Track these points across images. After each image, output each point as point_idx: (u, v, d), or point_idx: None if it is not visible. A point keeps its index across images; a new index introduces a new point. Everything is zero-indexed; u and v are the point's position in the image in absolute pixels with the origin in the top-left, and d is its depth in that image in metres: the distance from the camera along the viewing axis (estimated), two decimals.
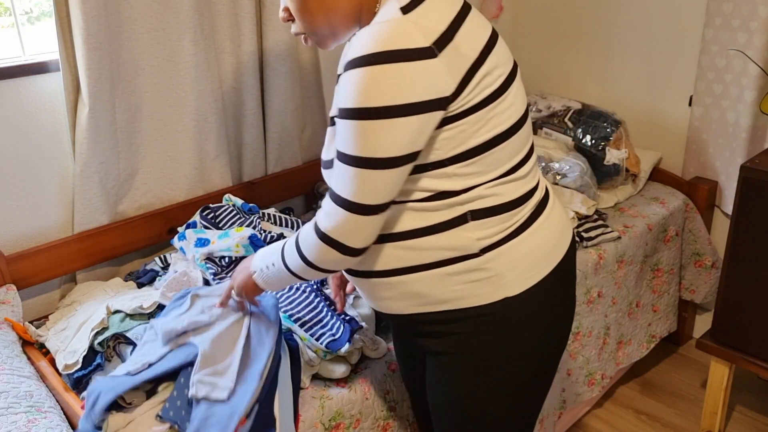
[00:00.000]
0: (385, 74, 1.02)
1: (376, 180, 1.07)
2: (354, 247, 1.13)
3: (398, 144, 1.06)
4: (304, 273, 1.22)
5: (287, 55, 2.15)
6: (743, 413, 2.37)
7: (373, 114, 1.03)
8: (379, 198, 1.09)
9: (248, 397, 1.29)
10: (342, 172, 1.09)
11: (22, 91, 1.77)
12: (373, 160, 1.06)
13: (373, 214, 1.10)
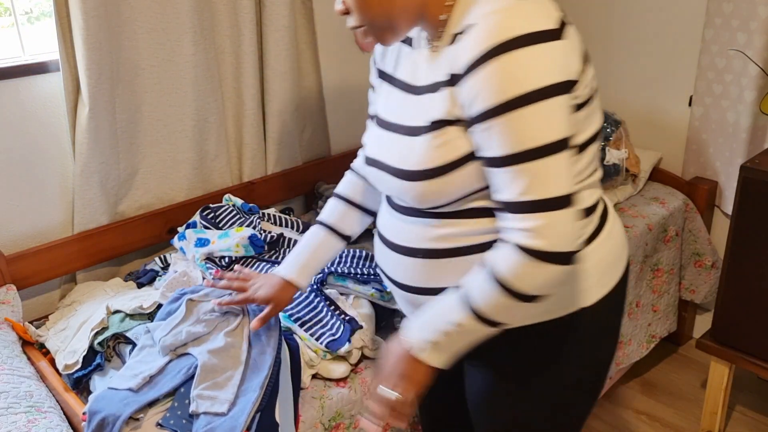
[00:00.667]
0: (529, 57, 0.93)
1: (562, 164, 0.96)
2: (574, 250, 0.99)
3: (564, 122, 0.97)
4: (513, 317, 1.04)
5: (287, 55, 2.15)
6: (743, 413, 2.37)
7: (533, 98, 0.93)
8: (572, 184, 0.98)
9: (248, 409, 1.30)
10: (523, 173, 0.96)
11: (22, 91, 1.77)
12: (554, 144, 0.95)
13: (573, 206, 0.98)
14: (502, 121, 0.95)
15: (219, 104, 2.07)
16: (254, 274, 1.46)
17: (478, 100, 0.97)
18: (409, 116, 1.11)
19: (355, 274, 1.76)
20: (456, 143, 1.03)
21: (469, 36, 0.98)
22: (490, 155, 0.99)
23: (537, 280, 0.99)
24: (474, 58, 0.96)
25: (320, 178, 2.42)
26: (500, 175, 0.99)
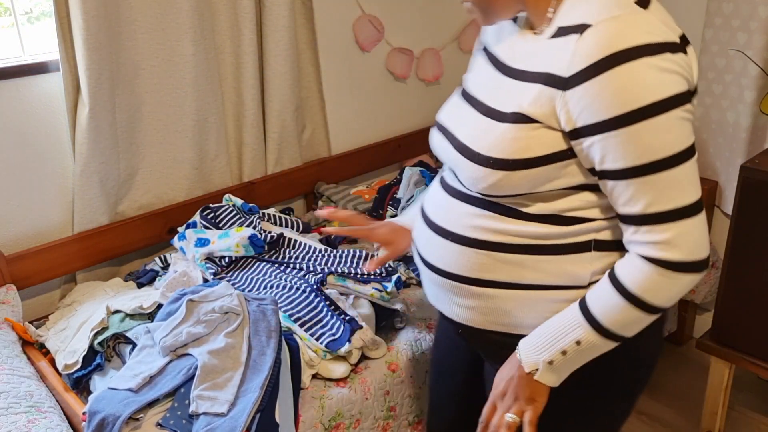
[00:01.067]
0: (647, 67, 0.91)
1: (688, 173, 0.95)
2: (707, 256, 0.98)
3: (686, 132, 0.95)
4: (637, 329, 1.02)
5: (287, 55, 2.15)
6: (743, 413, 2.37)
7: (653, 111, 0.91)
8: (698, 190, 0.96)
9: (248, 409, 1.30)
10: (648, 185, 0.94)
11: (22, 91, 1.77)
12: (677, 155, 0.93)
13: (701, 212, 0.96)
14: (622, 134, 0.92)
15: (219, 104, 2.07)
16: (370, 218, 1.42)
17: (591, 110, 0.93)
18: (494, 97, 1.07)
19: (355, 274, 1.76)
20: (537, 143, 0.99)
21: (581, 38, 0.94)
22: (606, 168, 0.96)
23: (671, 292, 0.98)
24: (587, 65, 0.92)
25: (320, 178, 2.42)
26: (621, 188, 0.96)
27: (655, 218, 0.95)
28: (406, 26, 2.58)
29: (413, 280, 1.97)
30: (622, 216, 0.99)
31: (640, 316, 0.99)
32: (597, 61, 0.91)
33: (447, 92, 2.93)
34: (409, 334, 1.73)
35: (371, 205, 2.25)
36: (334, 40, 2.38)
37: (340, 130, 2.51)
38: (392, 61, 2.58)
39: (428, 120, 2.80)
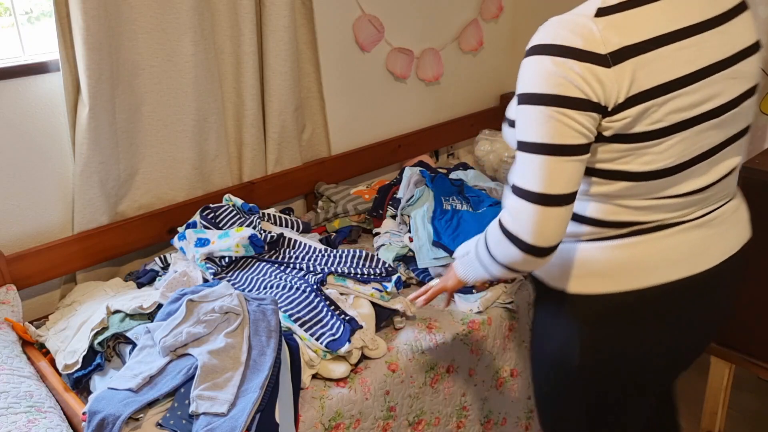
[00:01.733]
0: (539, 64, 1.07)
1: (540, 165, 1.09)
2: (527, 242, 1.14)
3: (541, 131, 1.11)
4: (491, 267, 1.24)
5: (287, 55, 2.15)
6: (743, 413, 2.37)
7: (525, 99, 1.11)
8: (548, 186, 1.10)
9: (248, 409, 1.30)
10: (518, 157, 1.13)
11: (22, 91, 1.77)
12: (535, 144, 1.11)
13: (535, 204, 1.11)
14: (519, 108, 1.11)
15: (219, 104, 2.07)
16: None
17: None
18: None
19: (355, 274, 1.76)
20: None
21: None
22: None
23: (502, 250, 1.17)
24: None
25: (320, 178, 2.42)
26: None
27: (512, 187, 1.14)
28: (406, 26, 2.59)
29: (413, 280, 1.97)
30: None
31: (487, 255, 1.23)
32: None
33: (447, 92, 2.95)
34: (409, 334, 1.73)
35: (371, 205, 2.25)
36: (334, 40, 2.38)
37: (340, 130, 2.51)
38: (392, 61, 2.58)
39: (428, 120, 2.80)
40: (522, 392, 1.97)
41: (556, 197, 1.08)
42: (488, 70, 2.98)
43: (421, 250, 1.90)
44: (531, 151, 1.09)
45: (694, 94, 1.09)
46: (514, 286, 1.91)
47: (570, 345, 1.27)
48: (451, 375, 1.75)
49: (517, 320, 1.90)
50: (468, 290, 1.84)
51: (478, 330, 1.79)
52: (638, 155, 1.11)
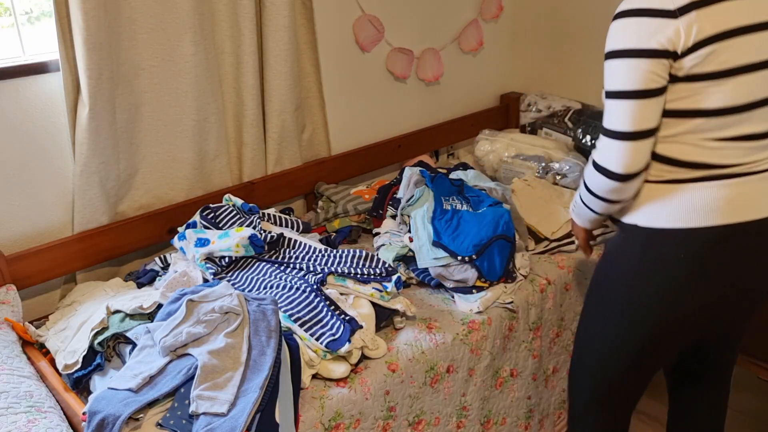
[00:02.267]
0: (622, 26, 1.33)
1: (623, 108, 1.34)
2: (616, 171, 1.38)
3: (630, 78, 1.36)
4: (593, 204, 1.49)
5: (287, 55, 2.15)
6: (743, 413, 2.37)
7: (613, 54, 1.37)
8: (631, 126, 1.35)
9: (248, 409, 1.30)
10: (606, 105, 1.38)
11: (22, 91, 1.77)
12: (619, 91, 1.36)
13: (620, 140, 1.36)
14: (606, 63, 1.38)
15: (219, 104, 2.07)
16: None
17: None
18: None
19: (355, 274, 1.76)
20: None
21: None
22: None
23: (596, 183, 1.42)
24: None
25: (320, 178, 2.43)
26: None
27: (602, 130, 1.40)
28: (406, 26, 2.59)
29: (413, 280, 1.97)
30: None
31: (587, 194, 1.49)
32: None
33: (447, 92, 2.95)
34: (409, 334, 1.73)
35: (371, 205, 2.25)
36: (334, 40, 2.38)
37: (340, 130, 2.51)
38: (392, 61, 2.58)
39: (428, 120, 2.80)
40: (522, 392, 1.97)
41: (640, 133, 1.33)
42: (488, 70, 2.98)
43: (421, 250, 1.90)
44: (619, 98, 1.34)
45: (755, 42, 1.29)
46: (515, 286, 1.91)
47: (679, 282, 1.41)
48: (451, 375, 1.75)
49: (517, 320, 1.90)
50: (468, 290, 1.84)
51: (478, 330, 1.80)
52: (709, 93, 1.31)
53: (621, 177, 1.37)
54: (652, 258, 1.42)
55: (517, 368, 1.94)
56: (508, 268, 1.89)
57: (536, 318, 1.96)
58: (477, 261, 1.83)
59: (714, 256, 1.37)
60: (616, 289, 1.50)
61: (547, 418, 2.10)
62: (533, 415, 2.02)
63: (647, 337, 1.48)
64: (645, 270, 1.43)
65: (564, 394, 2.16)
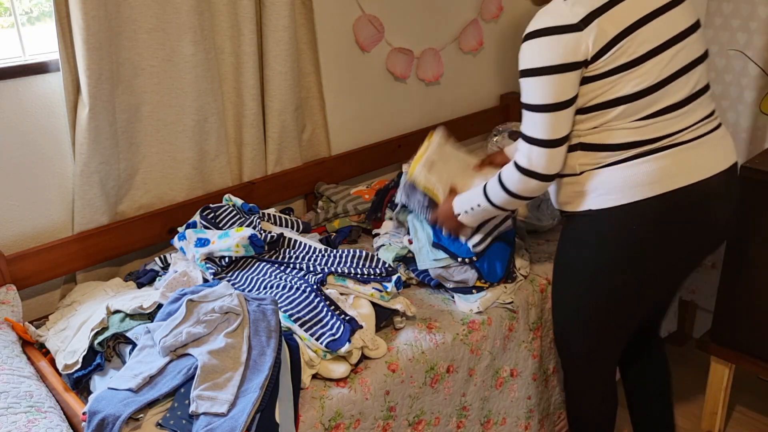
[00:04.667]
0: (533, 45, 1.45)
1: (543, 118, 1.47)
2: (543, 173, 1.52)
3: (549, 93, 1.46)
4: (509, 207, 1.65)
5: (287, 55, 2.15)
6: (743, 413, 2.37)
7: (528, 73, 1.47)
8: (551, 133, 1.49)
9: (248, 409, 1.30)
10: (525, 116, 1.51)
11: (22, 91, 1.77)
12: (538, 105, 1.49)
13: (544, 146, 1.50)
14: (521, 82, 1.49)
15: (219, 104, 2.07)
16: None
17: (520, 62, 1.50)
18: None
19: (355, 274, 1.76)
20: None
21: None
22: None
23: (524, 186, 1.55)
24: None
25: (320, 178, 2.42)
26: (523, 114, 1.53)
27: (523, 137, 1.52)
28: (406, 26, 2.59)
29: (413, 280, 1.97)
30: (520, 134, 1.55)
31: (506, 196, 1.60)
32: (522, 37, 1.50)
33: (447, 92, 2.95)
34: (409, 334, 1.73)
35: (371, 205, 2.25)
36: (334, 40, 2.38)
37: (340, 130, 2.51)
38: (392, 61, 2.58)
39: (428, 120, 2.80)
40: (522, 392, 1.97)
41: (560, 140, 1.48)
42: (488, 70, 2.98)
43: (421, 251, 1.90)
44: (539, 111, 1.46)
45: (655, 27, 1.44)
46: (515, 286, 1.91)
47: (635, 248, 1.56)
48: (451, 375, 1.75)
49: (517, 320, 1.89)
50: (468, 290, 1.84)
51: (478, 330, 1.79)
52: (626, 81, 1.44)
53: (548, 177, 1.52)
54: (608, 235, 1.56)
55: (517, 368, 1.94)
56: (509, 269, 1.89)
57: (536, 318, 1.96)
58: (477, 262, 1.82)
59: (661, 221, 1.52)
60: (583, 268, 1.63)
61: (547, 418, 2.10)
62: (533, 415, 2.02)
63: (612, 302, 1.64)
64: (604, 246, 1.57)
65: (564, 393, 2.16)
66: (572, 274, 1.67)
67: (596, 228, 1.58)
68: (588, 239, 1.60)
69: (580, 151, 1.55)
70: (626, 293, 1.62)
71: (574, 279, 1.67)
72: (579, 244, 1.63)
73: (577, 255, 1.64)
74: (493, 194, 1.62)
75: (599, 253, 1.59)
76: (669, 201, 1.50)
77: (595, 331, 1.70)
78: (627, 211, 1.52)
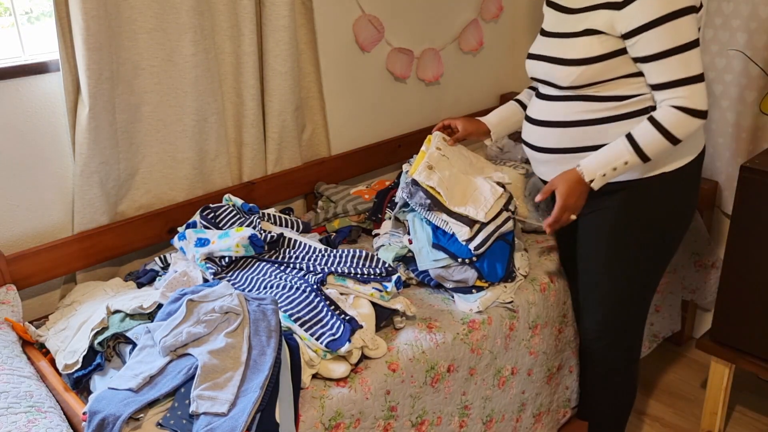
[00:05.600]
0: None
1: (697, 55, 1.58)
2: (706, 110, 1.60)
3: (695, 29, 1.58)
4: (661, 156, 1.66)
5: (287, 55, 2.15)
6: (743, 413, 2.37)
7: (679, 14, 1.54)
8: (702, 67, 1.61)
9: (249, 409, 1.30)
10: (676, 61, 1.56)
11: (22, 91, 1.77)
12: (692, 42, 1.56)
13: (702, 81, 1.59)
14: (661, 29, 1.54)
15: (219, 104, 2.07)
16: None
17: (637, 18, 1.55)
18: (565, 28, 1.70)
19: (355, 274, 1.76)
20: (601, 46, 1.62)
21: None
22: (647, 54, 1.58)
23: (688, 129, 1.60)
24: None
25: (320, 178, 2.43)
26: (655, 66, 1.58)
27: (680, 82, 1.57)
28: (406, 26, 2.59)
29: (413, 280, 1.97)
30: (656, 85, 1.61)
31: (667, 145, 1.61)
32: None
33: (447, 92, 2.95)
34: (409, 334, 1.73)
35: (371, 206, 2.25)
36: (334, 40, 2.38)
37: (340, 130, 2.51)
38: (392, 61, 2.58)
39: (428, 120, 2.80)
40: (518, 388, 1.97)
41: (703, 74, 1.59)
42: (488, 70, 2.98)
43: (421, 252, 1.90)
44: (687, 50, 1.54)
45: None
46: (514, 286, 1.91)
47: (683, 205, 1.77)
48: (452, 374, 1.75)
49: (518, 319, 1.89)
50: (468, 290, 1.84)
51: (478, 329, 1.79)
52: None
53: (706, 114, 1.60)
54: (686, 191, 1.76)
55: (517, 366, 1.94)
56: (509, 268, 1.88)
57: (536, 316, 1.96)
58: (477, 263, 1.82)
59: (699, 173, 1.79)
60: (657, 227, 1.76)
61: (547, 414, 2.10)
62: (525, 409, 2.01)
63: (670, 256, 1.84)
64: (682, 199, 1.76)
65: (568, 392, 2.16)
66: (635, 240, 1.76)
67: (676, 188, 1.73)
68: (651, 202, 1.72)
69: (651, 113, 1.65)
70: (676, 241, 1.82)
71: (647, 241, 1.77)
72: (642, 208, 1.73)
73: (641, 220, 1.74)
74: (650, 144, 1.61)
75: (671, 212, 1.74)
76: (703, 153, 1.78)
77: (651, 293, 1.87)
78: (695, 165, 1.74)
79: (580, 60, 1.64)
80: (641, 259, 1.79)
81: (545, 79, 1.76)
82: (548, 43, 1.75)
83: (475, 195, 1.89)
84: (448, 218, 1.84)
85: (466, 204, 1.86)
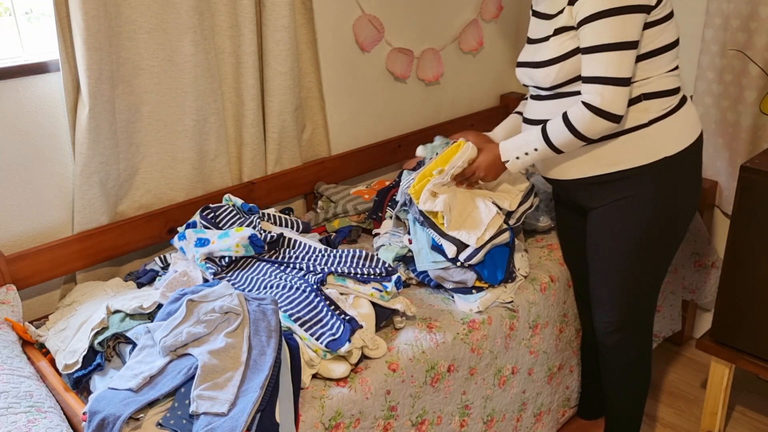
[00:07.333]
0: None
1: (625, 57, 1.57)
2: (616, 114, 1.60)
3: (633, 31, 1.57)
4: (570, 149, 1.69)
5: (287, 55, 2.15)
6: (743, 413, 2.37)
7: (615, 11, 1.54)
8: (628, 72, 1.60)
9: (249, 409, 1.29)
10: (599, 58, 1.57)
11: (22, 91, 1.77)
12: (621, 43, 1.56)
13: (621, 86, 1.59)
14: (600, 23, 1.54)
15: (219, 104, 2.07)
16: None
17: (585, 8, 1.56)
18: (541, 32, 1.74)
19: (355, 274, 1.76)
20: (571, 42, 1.64)
21: None
22: (584, 45, 1.59)
23: (594, 128, 1.61)
24: None
25: (320, 178, 2.43)
26: (586, 59, 1.60)
27: (599, 80, 1.58)
28: (406, 26, 2.59)
29: (413, 280, 1.97)
30: (583, 78, 1.62)
31: (574, 139, 1.65)
32: None
33: (447, 92, 2.95)
34: (409, 334, 1.73)
35: (371, 206, 2.25)
36: (334, 40, 2.38)
37: (340, 130, 2.51)
38: (392, 61, 2.58)
39: (428, 120, 2.80)
40: (519, 387, 1.97)
41: (628, 80, 1.58)
42: (488, 70, 2.98)
43: (420, 253, 1.90)
44: (611, 50, 1.54)
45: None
46: (514, 286, 1.91)
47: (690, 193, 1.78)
48: (452, 374, 1.75)
49: (518, 319, 1.89)
50: (468, 290, 1.84)
51: (478, 329, 1.80)
52: (669, 30, 1.64)
53: (617, 118, 1.60)
54: (690, 173, 1.75)
55: (518, 366, 1.94)
56: (509, 270, 1.88)
57: (536, 316, 1.96)
58: (477, 267, 1.82)
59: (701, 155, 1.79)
60: (660, 216, 1.75)
61: (548, 414, 2.10)
62: (526, 408, 2.02)
63: (678, 241, 1.85)
64: (680, 186, 1.74)
65: (567, 392, 2.16)
66: (648, 227, 1.75)
67: (680, 168, 1.72)
68: (658, 186, 1.71)
69: (644, 101, 1.65)
70: (686, 226, 1.82)
71: (660, 227, 1.77)
72: (650, 194, 1.72)
73: (650, 206, 1.73)
74: (557, 136, 1.66)
75: (678, 195, 1.73)
76: (701, 138, 1.78)
77: (662, 282, 1.89)
78: (696, 148, 1.74)
79: (554, 59, 1.67)
80: (655, 247, 1.79)
81: (532, 84, 1.81)
82: (530, 49, 1.80)
83: (473, 216, 1.87)
84: (440, 237, 1.84)
85: (460, 228, 1.83)
